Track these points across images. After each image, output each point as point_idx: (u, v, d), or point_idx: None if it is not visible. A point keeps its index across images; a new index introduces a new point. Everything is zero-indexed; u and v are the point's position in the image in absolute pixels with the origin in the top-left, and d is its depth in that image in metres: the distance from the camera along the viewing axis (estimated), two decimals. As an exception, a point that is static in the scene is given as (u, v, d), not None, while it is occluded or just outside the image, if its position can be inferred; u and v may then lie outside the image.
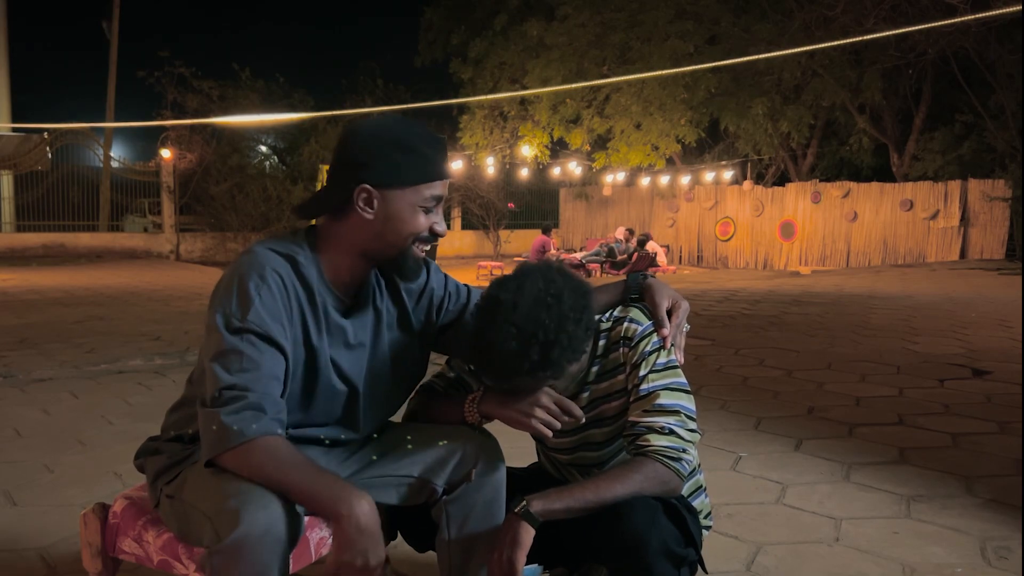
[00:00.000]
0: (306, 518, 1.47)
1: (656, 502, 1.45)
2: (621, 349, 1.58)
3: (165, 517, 1.45)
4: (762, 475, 2.93)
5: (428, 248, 1.49)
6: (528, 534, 1.42)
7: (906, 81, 17.95)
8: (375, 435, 1.62)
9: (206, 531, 1.28)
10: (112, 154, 18.77)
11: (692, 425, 1.54)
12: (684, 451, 1.50)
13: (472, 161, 18.98)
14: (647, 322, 1.58)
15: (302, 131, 20.46)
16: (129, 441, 3.39)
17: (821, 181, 19.11)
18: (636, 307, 1.62)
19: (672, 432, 1.51)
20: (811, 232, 18.18)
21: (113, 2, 19.93)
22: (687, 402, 1.54)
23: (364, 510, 1.29)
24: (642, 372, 1.55)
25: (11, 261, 15.14)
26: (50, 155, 17.26)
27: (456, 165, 19.83)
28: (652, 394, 1.54)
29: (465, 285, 1.68)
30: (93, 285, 10.56)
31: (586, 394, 1.64)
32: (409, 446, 1.56)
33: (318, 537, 1.50)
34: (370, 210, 1.41)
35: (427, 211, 1.44)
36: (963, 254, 16.38)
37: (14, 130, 18.15)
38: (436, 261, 1.69)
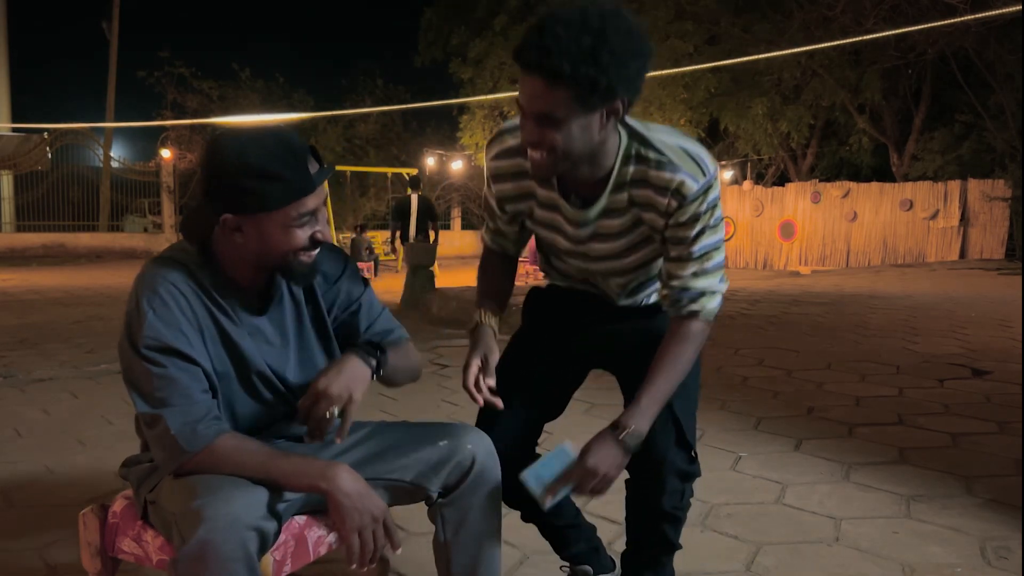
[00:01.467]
0: (303, 517, 1.48)
1: (672, 428, 1.63)
2: (667, 199, 1.51)
3: (155, 523, 1.45)
4: (762, 475, 2.93)
5: (315, 252, 1.44)
6: (627, 458, 1.56)
7: (906, 81, 17.96)
8: (370, 433, 1.60)
9: (175, 536, 1.27)
10: (112, 154, 18.79)
11: (724, 274, 1.63)
12: (720, 304, 1.62)
13: (472, 161, 18.99)
14: (701, 180, 1.49)
15: (302, 131, 20.45)
16: (129, 441, 3.37)
17: (821, 181, 19.09)
18: (688, 152, 1.52)
19: (716, 292, 1.59)
20: (811, 232, 18.17)
21: (113, 2, 19.94)
22: (723, 253, 1.61)
23: (343, 476, 1.33)
24: (696, 230, 1.53)
25: (11, 261, 15.14)
26: (50, 155, 17.29)
27: (456, 165, 19.80)
28: (705, 255, 1.56)
29: (366, 294, 1.62)
30: (93, 285, 10.56)
31: (599, 206, 1.58)
32: (404, 447, 1.55)
33: (316, 536, 1.50)
34: (240, 236, 1.38)
35: (301, 226, 1.39)
36: (963, 254, 16.37)
37: (14, 130, 18.16)
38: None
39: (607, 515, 2.52)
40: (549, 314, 1.90)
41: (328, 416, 1.39)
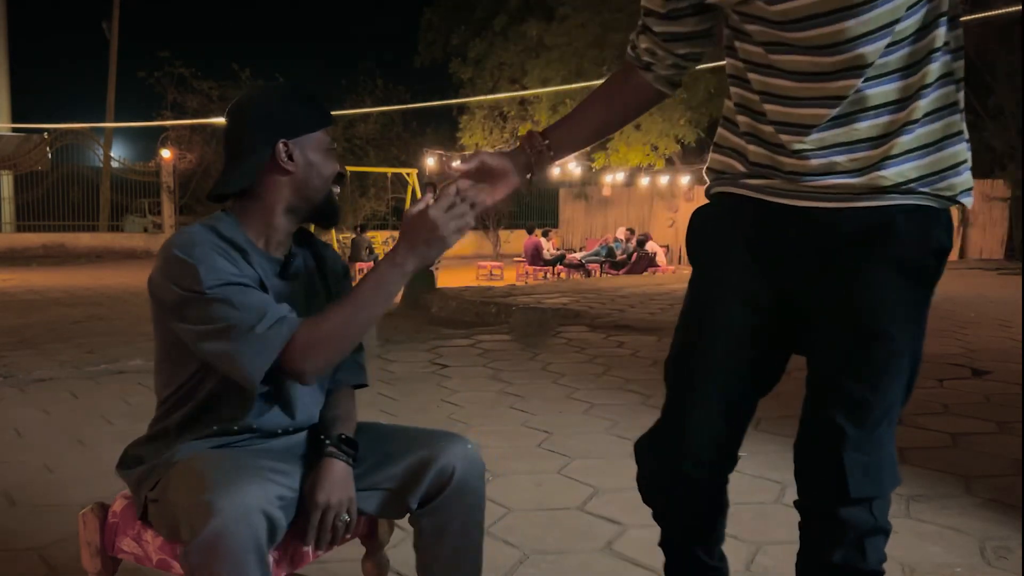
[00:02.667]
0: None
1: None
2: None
3: (155, 523, 1.45)
4: (762, 475, 2.93)
5: (339, 190, 1.57)
6: None
7: (906, 81, 17.93)
8: (368, 442, 1.56)
9: (183, 529, 1.27)
10: (112, 154, 18.80)
11: None
12: None
13: (472, 161, 18.98)
14: None
15: (302, 131, 20.42)
16: (129, 441, 3.38)
17: (821, 181, 19.08)
18: None
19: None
20: (811, 232, 18.16)
21: (113, 2, 19.94)
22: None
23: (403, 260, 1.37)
24: None
25: (11, 261, 15.14)
26: (50, 155, 17.30)
27: (456, 165, 19.77)
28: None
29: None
30: (93, 285, 10.57)
31: None
32: (394, 455, 1.53)
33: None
34: (292, 163, 1.47)
35: (330, 153, 1.53)
36: (962, 254, 16.37)
37: (14, 130, 18.17)
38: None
39: (608, 515, 2.52)
40: (733, 246, 1.31)
41: (340, 524, 1.42)
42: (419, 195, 11.26)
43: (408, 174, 16.83)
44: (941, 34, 1.13)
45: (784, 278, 1.27)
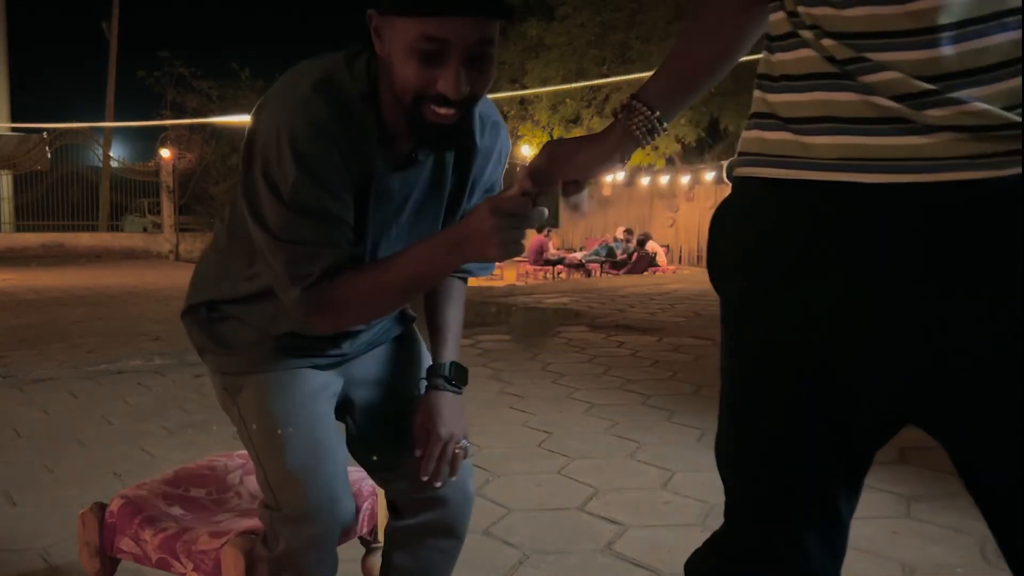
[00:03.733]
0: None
1: None
2: None
3: (217, 392, 1.41)
4: (762, 475, 2.92)
5: (451, 113, 1.09)
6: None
7: (906, 81, 17.95)
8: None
9: (263, 486, 1.31)
10: (112, 154, 18.80)
11: None
12: None
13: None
14: None
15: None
16: (129, 441, 3.39)
17: (821, 181, 19.08)
18: None
19: None
20: (811, 232, 18.16)
21: (113, 2, 19.94)
22: None
23: (472, 223, 1.08)
24: None
25: (11, 261, 15.13)
26: (49, 155, 17.29)
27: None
28: None
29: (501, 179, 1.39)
30: (92, 285, 10.56)
31: None
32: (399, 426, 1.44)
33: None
34: (380, 45, 1.12)
35: (424, 59, 1.06)
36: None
37: (13, 130, 18.17)
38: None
39: (608, 515, 2.51)
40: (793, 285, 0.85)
41: (460, 451, 1.38)
42: None
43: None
44: None
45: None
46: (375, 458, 1.47)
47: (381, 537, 1.71)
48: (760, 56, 0.92)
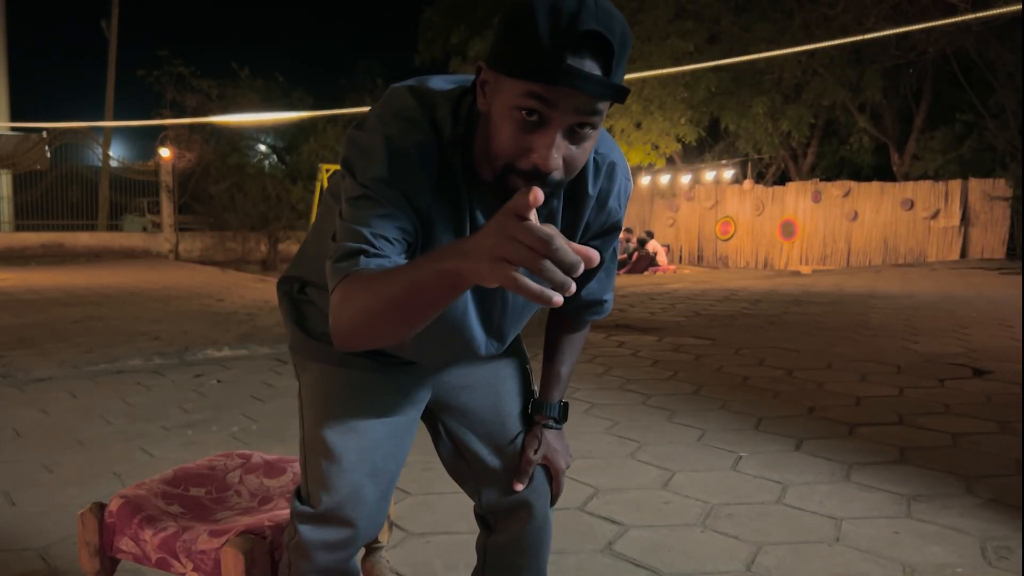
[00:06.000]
0: None
1: None
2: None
3: (294, 363, 1.42)
4: (762, 475, 2.92)
5: (544, 189, 0.96)
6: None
7: (906, 80, 17.97)
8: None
9: (302, 470, 1.33)
10: (111, 153, 18.78)
11: None
12: None
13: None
14: None
15: (301, 130, 20.46)
16: (128, 441, 3.39)
17: (821, 180, 19.10)
18: None
19: None
20: (811, 231, 18.17)
21: (112, 1, 19.94)
22: None
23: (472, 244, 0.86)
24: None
25: (10, 261, 15.13)
26: (49, 154, 17.28)
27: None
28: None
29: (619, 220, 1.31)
30: (92, 285, 10.55)
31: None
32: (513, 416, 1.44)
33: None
34: (483, 98, 1.06)
35: (523, 122, 0.99)
36: (964, 253, 16.37)
37: (13, 129, 18.16)
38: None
39: (608, 515, 2.51)
40: None
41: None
42: None
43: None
44: None
45: None
46: (468, 468, 1.44)
47: (381, 537, 1.70)
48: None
